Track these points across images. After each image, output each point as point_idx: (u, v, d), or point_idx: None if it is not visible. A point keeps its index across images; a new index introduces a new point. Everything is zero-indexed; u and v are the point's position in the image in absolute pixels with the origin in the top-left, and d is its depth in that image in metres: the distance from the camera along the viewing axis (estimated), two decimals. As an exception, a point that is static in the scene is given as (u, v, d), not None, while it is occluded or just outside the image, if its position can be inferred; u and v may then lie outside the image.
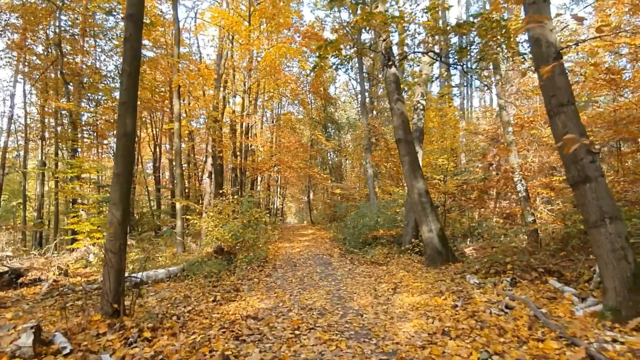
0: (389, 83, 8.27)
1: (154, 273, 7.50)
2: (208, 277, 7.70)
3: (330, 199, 29.20)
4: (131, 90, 4.49)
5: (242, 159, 20.65)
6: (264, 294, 6.28)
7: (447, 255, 7.98)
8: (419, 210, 8.14)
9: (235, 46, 17.83)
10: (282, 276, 8.16)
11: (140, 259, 11.09)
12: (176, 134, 13.61)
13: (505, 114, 10.26)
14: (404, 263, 8.90)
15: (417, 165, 8.24)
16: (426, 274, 7.29)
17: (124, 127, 4.44)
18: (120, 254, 4.34)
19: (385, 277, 7.40)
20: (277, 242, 15.82)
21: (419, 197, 8.11)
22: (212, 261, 8.88)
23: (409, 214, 10.35)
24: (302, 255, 11.97)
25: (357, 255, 10.75)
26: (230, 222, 10.19)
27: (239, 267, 8.80)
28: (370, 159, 14.95)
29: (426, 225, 8.07)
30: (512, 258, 6.17)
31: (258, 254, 10.60)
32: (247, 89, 20.71)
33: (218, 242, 10.13)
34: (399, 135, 8.19)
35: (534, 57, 4.26)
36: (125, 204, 4.48)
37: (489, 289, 5.25)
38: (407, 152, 8.15)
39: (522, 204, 10.03)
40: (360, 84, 16.41)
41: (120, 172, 4.43)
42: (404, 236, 10.49)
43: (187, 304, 5.57)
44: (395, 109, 8.18)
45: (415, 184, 8.12)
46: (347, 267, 9.23)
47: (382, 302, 5.47)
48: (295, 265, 9.84)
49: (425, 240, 8.11)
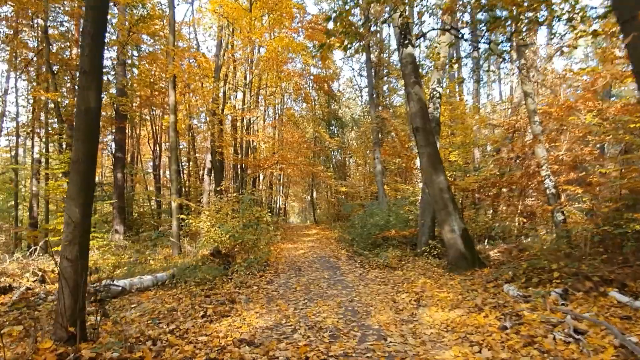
0: (405, 64, 7.30)
1: (138, 280, 6.58)
2: (201, 285, 6.77)
3: (334, 197, 28.30)
4: (95, 57, 3.56)
5: (243, 155, 19.74)
6: (264, 306, 5.34)
7: (473, 259, 7.01)
8: (439, 208, 7.17)
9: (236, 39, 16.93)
10: (285, 283, 7.22)
11: (129, 262, 10.20)
12: (172, 127, 12.68)
13: (531, 102, 9.26)
14: (422, 268, 7.94)
15: (438, 157, 7.27)
16: (451, 282, 6.33)
17: (85, 101, 3.51)
18: (78, 263, 3.40)
19: (403, 285, 6.44)
20: (280, 243, 14.90)
21: (440, 193, 7.14)
22: (207, 265, 7.95)
23: (425, 213, 9.39)
24: (306, 257, 11.03)
25: (367, 258, 9.80)
26: (228, 222, 9.27)
27: (237, 272, 7.87)
28: (379, 154, 13.97)
29: (448, 226, 7.10)
30: (558, 264, 5.19)
31: (259, 257, 9.67)
32: (248, 83, 19.80)
33: (215, 244, 9.20)
34: (416, 123, 7.22)
35: (619, 8, 3.29)
36: (86, 198, 3.54)
37: (539, 303, 4.28)
38: (426, 142, 7.19)
39: (551, 202, 9.03)
40: (368, 74, 15.44)
41: (80, 157, 3.50)
42: (419, 237, 9.52)
43: (172, 319, 4.64)
44: (413, 93, 7.22)
45: (436, 178, 7.15)
46: (357, 272, 8.27)
47: (406, 318, 4.52)
48: (299, 269, 8.90)
49: (448, 242, 7.15)
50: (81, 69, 3.53)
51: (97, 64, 3.60)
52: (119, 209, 15.70)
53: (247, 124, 21.90)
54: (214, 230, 9.26)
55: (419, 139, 7.21)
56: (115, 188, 16.03)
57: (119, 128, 15.92)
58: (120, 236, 15.17)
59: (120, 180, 16.12)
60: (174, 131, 12.71)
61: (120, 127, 15.89)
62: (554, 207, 8.45)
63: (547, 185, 9.09)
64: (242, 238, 9.02)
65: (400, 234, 10.42)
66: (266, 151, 24.44)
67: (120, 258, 11.90)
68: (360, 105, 32.46)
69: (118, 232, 15.34)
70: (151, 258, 10.62)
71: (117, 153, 16.19)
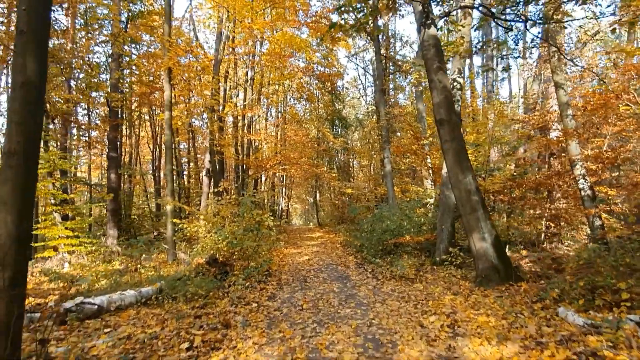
0: (428, 48, 6.36)
1: (119, 297, 5.66)
2: (192, 301, 5.85)
3: (338, 199, 27.39)
4: (35, 14, 2.65)
5: (244, 155, 18.85)
6: (264, 333, 4.40)
7: (507, 271, 6.05)
8: (467, 212, 6.22)
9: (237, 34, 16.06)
10: (289, 299, 6.28)
11: (118, 271, 9.30)
12: (167, 124, 11.80)
13: (563, 94, 8.31)
14: (444, 280, 6.98)
15: (465, 154, 6.32)
16: (485, 299, 5.37)
17: (22, 72, 2.60)
18: (9, 294, 2.48)
19: (428, 303, 5.49)
20: (283, 248, 13.97)
21: (468, 195, 6.19)
22: (200, 277, 7.02)
23: (444, 217, 8.44)
24: (312, 265, 10.09)
25: (379, 267, 8.85)
26: (227, 227, 8.35)
27: (234, 284, 6.94)
28: (389, 153, 13.01)
29: (477, 233, 6.14)
30: (627, 282, 4.22)
31: (260, 265, 8.75)
32: (249, 80, 18.93)
33: (211, 251, 8.29)
34: (440, 115, 6.28)
35: None
36: (24, 202, 2.62)
37: (620, 338, 3.31)
38: (451, 136, 6.24)
39: (586, 205, 8.07)
40: (377, 67, 14.49)
41: (14, 147, 2.58)
42: (437, 244, 8.57)
43: (149, 353, 3.72)
44: (436, 81, 6.28)
45: (463, 178, 6.20)
46: (370, 284, 7.33)
47: (444, 354, 3.57)
48: (305, 280, 7.96)
49: (477, 252, 6.19)
50: (17, 28, 2.62)
51: (39, 22, 2.68)
52: (113, 212, 14.81)
53: (248, 122, 21.03)
54: (210, 236, 8.34)
55: (443, 133, 6.26)
56: (109, 189, 15.14)
57: (113, 126, 15.05)
58: (114, 240, 14.28)
59: (114, 181, 15.24)
60: (169, 129, 11.83)
61: (113, 125, 15.02)
62: (594, 211, 7.48)
63: (582, 186, 8.13)
64: (241, 245, 8.09)
65: (415, 240, 9.46)
66: (268, 151, 23.55)
67: (110, 265, 11.02)
68: (364, 105, 31.61)
69: (112, 236, 14.45)
70: (142, 266, 9.70)
71: (111, 152, 15.32)
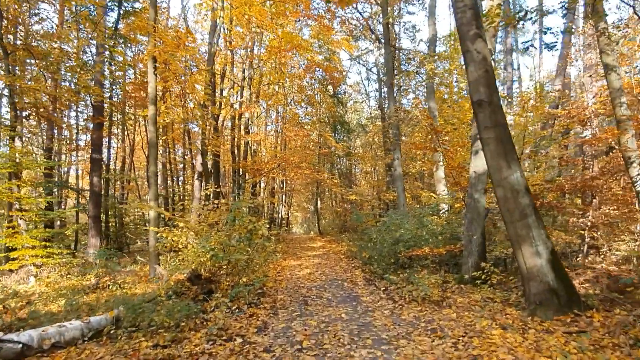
0: (462, 10, 5.03)
1: (56, 331, 4.23)
2: (156, 335, 4.43)
3: (340, 207, 26.04)
4: None
5: (240, 158, 17.51)
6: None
7: (569, 297, 4.63)
8: (514, 219, 4.82)
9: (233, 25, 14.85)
10: (285, 331, 4.84)
11: (82, 289, 7.89)
12: (151, 120, 10.50)
13: (616, 78, 6.97)
14: (480, 304, 5.55)
15: (511, 143, 4.94)
16: (549, 336, 3.94)
17: None
18: None
19: (471, 341, 4.06)
20: (281, 260, 12.54)
21: (515, 196, 4.80)
22: (174, 300, 5.59)
23: (473, 225, 7.04)
24: (313, 281, 8.67)
25: (393, 284, 7.44)
26: (213, 237, 6.94)
27: (218, 309, 5.52)
28: (399, 154, 11.64)
29: (529, 245, 4.74)
30: None
31: (253, 280, 7.34)
32: (246, 77, 17.68)
33: (192, 266, 6.88)
34: (479, 94, 4.92)
35: None
36: None
37: None
38: (493, 121, 4.87)
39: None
40: (385, 59, 13.18)
41: None
42: (464, 257, 7.14)
43: None
44: (473, 51, 4.94)
45: (509, 174, 4.82)
46: (386, 307, 5.90)
47: None
48: (305, 302, 6.53)
49: (529, 270, 4.77)
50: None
51: None
52: (95, 219, 13.41)
53: (246, 124, 19.76)
54: (192, 247, 6.93)
55: (483, 117, 4.90)
56: (91, 195, 13.77)
57: (96, 125, 13.74)
58: (95, 250, 12.84)
59: (97, 186, 13.84)
60: (153, 125, 10.50)
61: (97, 124, 13.71)
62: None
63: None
64: (228, 258, 6.68)
65: (435, 252, 8.04)
66: (267, 155, 22.24)
67: (86, 279, 9.61)
68: (367, 108, 30.44)
69: (93, 245, 13.02)
70: (114, 283, 8.28)
71: (94, 154, 13.95)
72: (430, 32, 14.38)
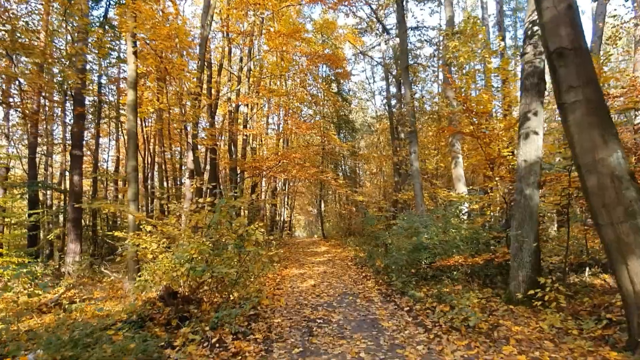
0: None
1: None
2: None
3: (345, 209, 24.59)
4: None
5: (237, 154, 16.06)
6: None
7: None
8: (615, 219, 3.30)
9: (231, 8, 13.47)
10: (282, 383, 3.35)
11: (30, 309, 6.43)
12: (129, 107, 9.08)
13: None
14: (552, 340, 4.01)
15: (606, 110, 3.43)
16: None
17: None
18: None
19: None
20: (282, 268, 11.05)
21: (615, 185, 3.29)
22: (125, 336, 4.07)
23: (524, 229, 5.50)
24: (319, 296, 7.15)
25: (418, 302, 5.94)
26: (192, 244, 5.43)
27: (192, 343, 4.02)
28: (416, 146, 10.13)
29: (638, 257, 3.22)
30: None
31: (243, 300, 5.83)
32: (244, 67, 16.25)
33: (164, 282, 5.38)
34: (560, 40, 3.41)
35: None
36: None
37: None
38: (583, 78, 3.36)
39: None
40: (400, 38, 11.65)
41: None
42: (513, 269, 5.59)
43: None
44: (548, -19, 3.46)
45: (607, 154, 3.31)
46: (417, 339, 4.38)
47: None
48: (310, 329, 5.02)
49: (637, 294, 3.25)
50: None
51: None
52: (75, 221, 11.93)
53: (244, 119, 18.36)
54: (164, 257, 5.46)
55: (566, 73, 3.39)
56: (71, 195, 12.33)
57: (77, 117, 12.34)
58: (75, 257, 11.37)
59: (77, 185, 12.39)
60: (132, 112, 9.08)
61: (77, 116, 12.31)
62: None
63: None
64: (211, 271, 5.19)
65: (469, 261, 6.52)
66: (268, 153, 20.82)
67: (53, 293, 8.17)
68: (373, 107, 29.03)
69: (73, 251, 11.54)
70: (78, 299, 6.81)
71: (74, 150, 12.50)
72: (447, 14, 12.96)
